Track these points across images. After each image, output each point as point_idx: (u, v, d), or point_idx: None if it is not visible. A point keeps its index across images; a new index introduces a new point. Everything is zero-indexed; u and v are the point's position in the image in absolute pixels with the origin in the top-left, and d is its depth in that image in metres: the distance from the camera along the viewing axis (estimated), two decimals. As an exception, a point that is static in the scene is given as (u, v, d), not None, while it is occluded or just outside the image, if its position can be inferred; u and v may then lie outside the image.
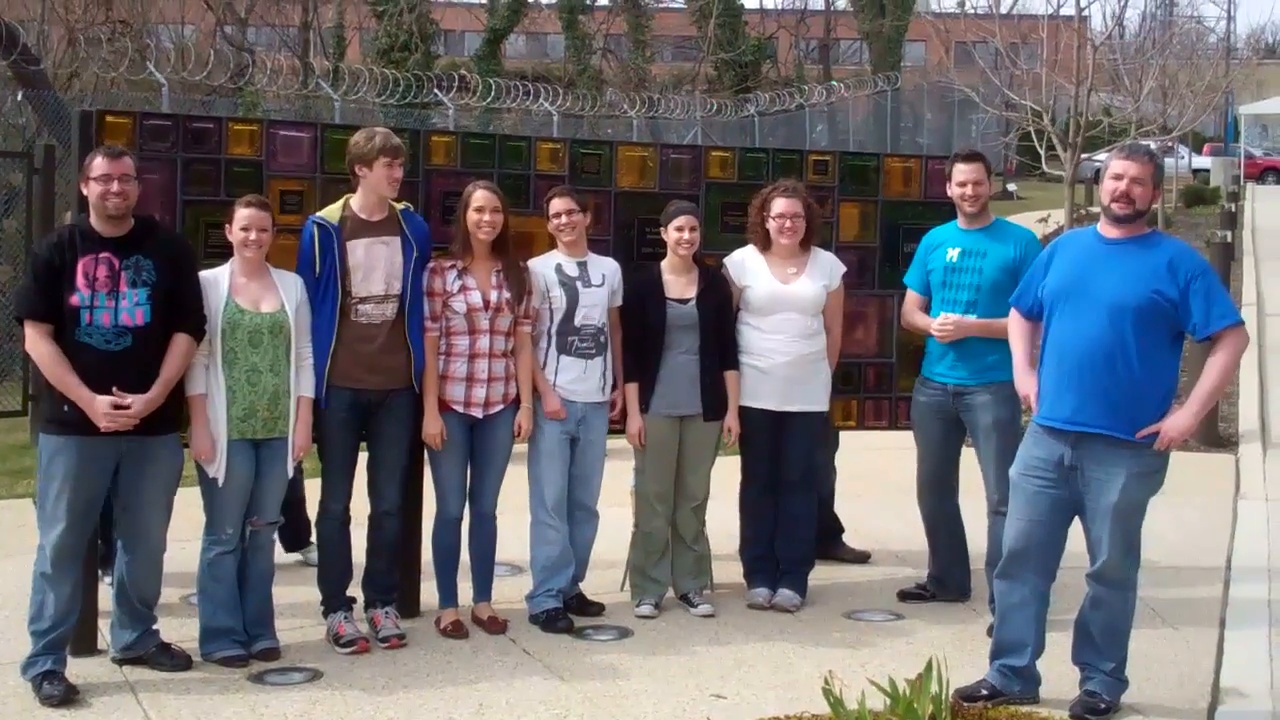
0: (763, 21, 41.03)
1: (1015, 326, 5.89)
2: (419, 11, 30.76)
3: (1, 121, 17.15)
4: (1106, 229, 5.54)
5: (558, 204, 6.58)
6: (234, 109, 20.47)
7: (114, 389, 5.49)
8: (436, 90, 23.07)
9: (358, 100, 21.13)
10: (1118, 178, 5.44)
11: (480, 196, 6.33)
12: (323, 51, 32.80)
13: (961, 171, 6.77)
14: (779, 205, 6.79)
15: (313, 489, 6.34)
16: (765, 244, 6.89)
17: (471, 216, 6.31)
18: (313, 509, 6.34)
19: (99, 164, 5.56)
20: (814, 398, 6.87)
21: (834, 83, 35.05)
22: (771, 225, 6.81)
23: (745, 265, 6.91)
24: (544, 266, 6.60)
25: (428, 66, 28.42)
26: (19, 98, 16.55)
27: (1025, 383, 5.74)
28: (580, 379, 6.58)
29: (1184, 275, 5.35)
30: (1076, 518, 5.60)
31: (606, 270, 6.70)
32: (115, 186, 5.53)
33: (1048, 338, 5.62)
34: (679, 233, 6.69)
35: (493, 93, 23.09)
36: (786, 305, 6.81)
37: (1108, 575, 5.50)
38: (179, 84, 18.33)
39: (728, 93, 33.70)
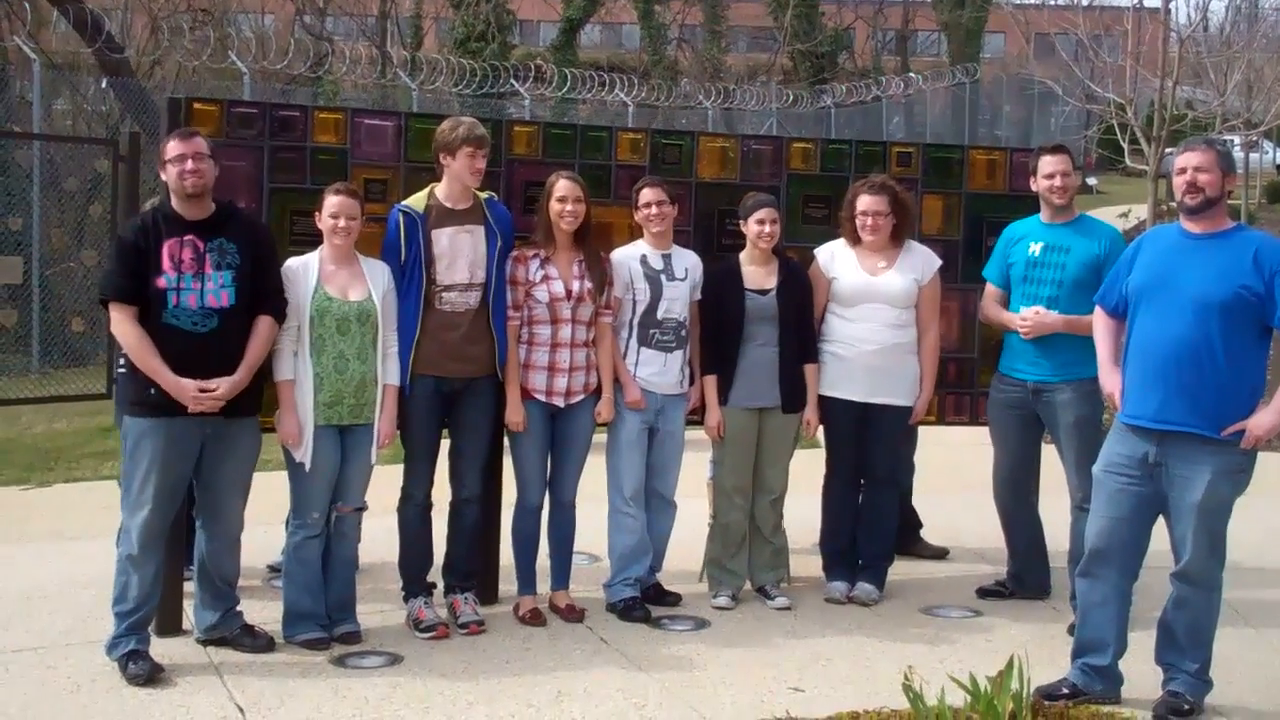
0: (840, 12, 40.68)
1: (1100, 325, 5.83)
2: (495, 2, 30.84)
3: (86, 109, 17.42)
4: (1189, 224, 5.49)
5: (648, 194, 6.58)
6: (313, 98, 20.64)
7: (196, 377, 5.56)
8: (513, 80, 23.12)
9: (435, 90, 21.22)
10: (1182, 171, 5.44)
11: (563, 186, 6.35)
12: (400, 41, 32.98)
13: (1049, 163, 6.69)
14: (862, 202, 6.77)
15: (394, 475, 6.39)
16: (855, 238, 6.86)
17: (554, 206, 6.33)
18: (394, 497, 6.38)
19: (172, 146, 5.65)
20: (900, 391, 6.83)
21: (912, 74, 34.76)
22: (857, 222, 6.78)
23: (835, 257, 6.89)
24: (629, 258, 6.60)
25: (504, 56, 28.49)
26: (104, 85, 16.80)
27: (1110, 381, 5.67)
28: (660, 371, 6.59)
29: (1269, 268, 5.28)
30: (1160, 517, 5.53)
31: (689, 264, 6.69)
32: (190, 165, 5.60)
33: (1132, 335, 5.56)
34: (760, 225, 6.67)
35: (568, 83, 23.10)
36: (873, 297, 6.77)
37: (1191, 575, 5.42)
38: (259, 73, 18.50)
39: (803, 84, 33.51)
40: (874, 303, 6.77)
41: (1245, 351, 5.33)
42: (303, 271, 5.94)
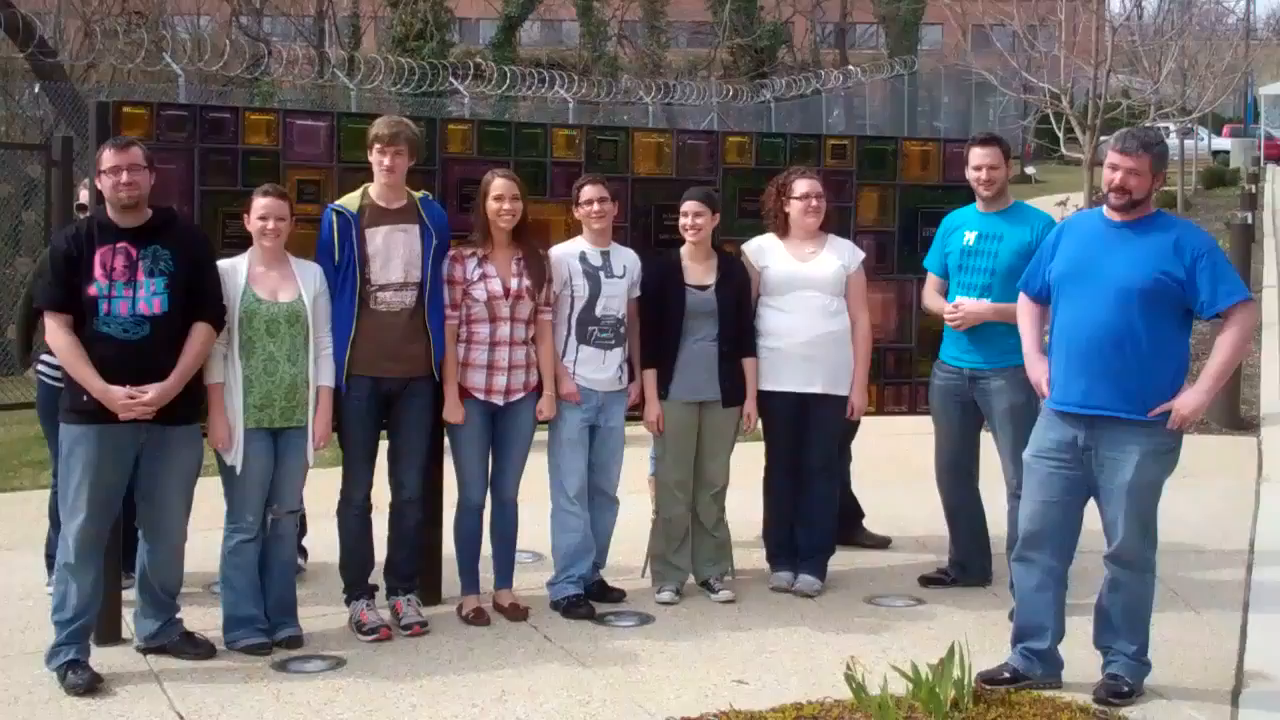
0: (778, 6, 40.85)
1: (1024, 311, 5.90)
2: (433, 0, 30.75)
3: (19, 114, 17.22)
4: (1111, 212, 5.55)
5: (590, 191, 6.57)
6: (250, 99, 20.49)
7: (129, 385, 5.52)
8: (452, 79, 23.06)
9: (373, 89, 21.14)
10: (1113, 168, 5.49)
11: (499, 185, 6.33)
12: (338, 41, 32.83)
13: (977, 155, 6.76)
14: (801, 186, 6.80)
15: (334, 478, 6.36)
16: (784, 230, 6.89)
17: (491, 205, 6.31)
18: (334, 500, 6.35)
19: (107, 156, 5.61)
20: (835, 381, 6.85)
21: (851, 67, 34.94)
22: (795, 206, 6.81)
23: (763, 249, 6.92)
24: (568, 255, 6.59)
25: (443, 55, 28.42)
26: (36, 90, 16.61)
27: (1036, 369, 5.74)
28: (599, 369, 6.59)
29: (1190, 254, 5.36)
30: (1093, 501, 5.59)
31: (627, 261, 6.70)
32: (124, 177, 5.57)
33: (1055, 322, 5.63)
34: (684, 218, 6.69)
35: (508, 80, 23.04)
36: (804, 284, 6.81)
37: (1124, 557, 5.49)
38: (195, 75, 18.35)
39: (743, 78, 33.64)
40: (805, 290, 6.80)
41: (1168, 335, 5.41)
42: (232, 273, 5.89)
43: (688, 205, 6.69)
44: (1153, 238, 5.42)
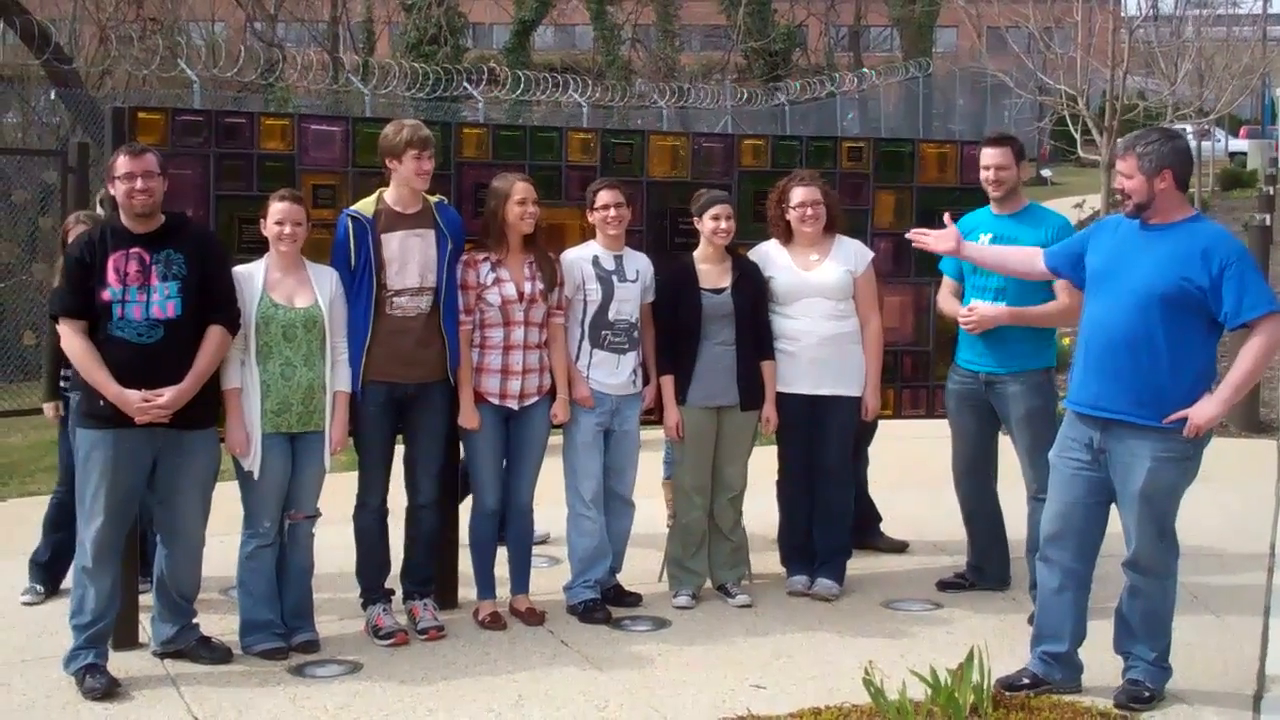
0: (792, 9, 40.71)
1: (1029, 255, 6.12)
2: (447, 5, 30.76)
3: (35, 120, 17.24)
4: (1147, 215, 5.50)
5: (606, 196, 6.55)
6: (265, 105, 20.50)
7: (144, 388, 5.52)
8: (466, 83, 23.05)
9: (387, 94, 21.13)
10: (1116, 173, 5.52)
11: (523, 188, 6.32)
12: (352, 46, 32.84)
13: (986, 155, 6.74)
14: (798, 195, 6.77)
15: (350, 482, 6.35)
16: (787, 236, 6.88)
17: (515, 209, 6.29)
18: (351, 504, 6.34)
19: (121, 163, 5.60)
20: (847, 381, 6.82)
21: (865, 70, 34.88)
22: (793, 215, 6.79)
23: (769, 257, 6.89)
24: (581, 259, 6.58)
25: (457, 60, 28.42)
26: (52, 96, 16.63)
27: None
28: (613, 373, 6.57)
29: (1218, 263, 5.26)
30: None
31: (640, 266, 6.68)
32: (139, 184, 5.57)
33: (1081, 321, 5.61)
34: (715, 221, 6.66)
35: (522, 85, 23.03)
36: (810, 291, 6.78)
37: (1142, 563, 5.44)
38: (210, 81, 18.36)
39: (758, 81, 33.55)
40: (811, 297, 6.78)
41: (1189, 342, 5.32)
42: (249, 279, 5.90)
43: (720, 209, 6.66)
44: (1181, 243, 5.34)
